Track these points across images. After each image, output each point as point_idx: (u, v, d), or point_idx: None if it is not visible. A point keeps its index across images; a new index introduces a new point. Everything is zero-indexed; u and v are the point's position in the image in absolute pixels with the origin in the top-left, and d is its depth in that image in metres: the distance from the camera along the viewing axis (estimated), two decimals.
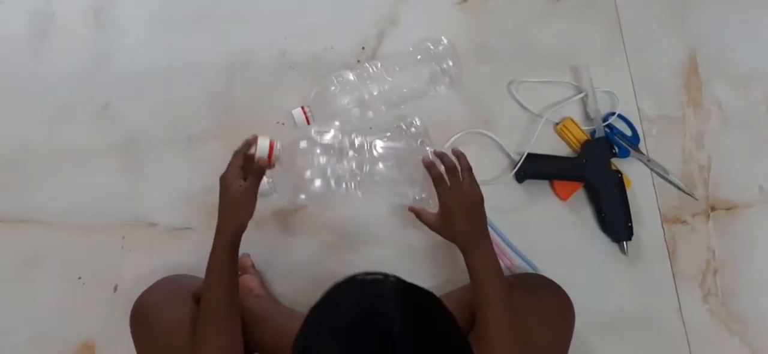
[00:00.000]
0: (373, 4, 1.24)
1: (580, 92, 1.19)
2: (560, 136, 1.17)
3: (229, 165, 0.90)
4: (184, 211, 1.12)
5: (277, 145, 0.95)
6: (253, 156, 0.92)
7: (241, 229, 0.87)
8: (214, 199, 1.11)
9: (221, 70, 1.20)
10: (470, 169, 0.90)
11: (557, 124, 1.17)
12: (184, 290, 0.94)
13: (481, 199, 0.89)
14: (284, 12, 1.24)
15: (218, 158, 1.13)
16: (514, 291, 0.88)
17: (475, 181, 0.90)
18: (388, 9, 1.23)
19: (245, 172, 0.90)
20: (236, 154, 0.91)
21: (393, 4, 1.24)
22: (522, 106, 1.18)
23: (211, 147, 1.16)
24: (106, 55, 1.21)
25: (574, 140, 1.15)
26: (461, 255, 0.88)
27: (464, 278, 0.89)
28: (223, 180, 0.88)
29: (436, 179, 0.89)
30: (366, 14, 1.23)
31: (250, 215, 0.88)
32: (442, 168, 0.90)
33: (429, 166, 0.90)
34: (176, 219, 1.12)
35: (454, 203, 0.88)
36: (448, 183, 0.89)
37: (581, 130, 1.16)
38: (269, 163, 0.92)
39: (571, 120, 1.16)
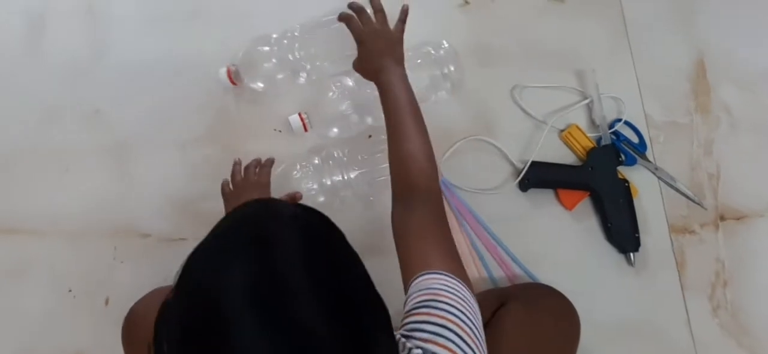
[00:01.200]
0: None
1: (586, 98, 1.16)
2: (565, 143, 1.13)
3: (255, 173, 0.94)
4: (178, 220, 1.09)
5: None
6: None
7: None
8: (209, 207, 1.10)
9: (213, 72, 1.15)
10: (382, 10, 0.94)
11: (562, 131, 1.14)
12: None
13: (395, 35, 0.92)
14: (281, 10, 1.20)
15: (213, 164, 1.12)
16: (516, 301, 0.87)
17: (386, 21, 0.94)
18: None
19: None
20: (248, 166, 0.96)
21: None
22: (525, 112, 1.15)
23: (206, 153, 1.12)
24: (96, 55, 1.18)
25: (580, 148, 1.12)
26: None
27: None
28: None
29: (347, 20, 0.92)
30: None
31: None
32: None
33: (342, 19, 0.93)
34: (169, 229, 1.09)
35: (367, 38, 0.91)
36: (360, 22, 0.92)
37: (587, 137, 1.12)
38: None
39: (577, 127, 1.13)
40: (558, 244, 1.08)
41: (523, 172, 1.08)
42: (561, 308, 0.92)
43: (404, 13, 0.95)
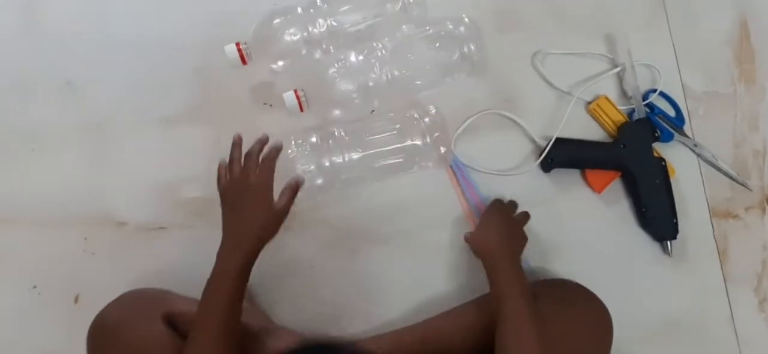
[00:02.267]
0: None
1: (616, 66, 1.02)
2: (593, 117, 1.01)
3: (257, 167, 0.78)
4: (157, 207, 0.97)
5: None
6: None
7: (263, 245, 0.75)
8: (192, 192, 0.97)
9: (199, 42, 1.02)
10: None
11: (589, 103, 1.01)
12: (151, 307, 0.80)
13: (524, 237, 0.89)
14: None
15: (196, 145, 0.99)
16: (540, 301, 0.77)
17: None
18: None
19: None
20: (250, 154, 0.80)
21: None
22: (548, 82, 1.02)
23: (188, 132, 1.00)
24: (68, 25, 1.04)
25: (610, 122, 0.99)
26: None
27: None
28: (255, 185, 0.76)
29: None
30: None
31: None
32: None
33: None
34: (147, 216, 0.97)
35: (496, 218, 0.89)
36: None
37: (618, 110, 1.00)
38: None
39: (606, 99, 1.00)
40: (585, 232, 0.97)
41: (546, 151, 0.96)
42: (590, 307, 0.81)
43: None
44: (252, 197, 0.75)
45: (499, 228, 0.88)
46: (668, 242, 0.95)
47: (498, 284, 0.79)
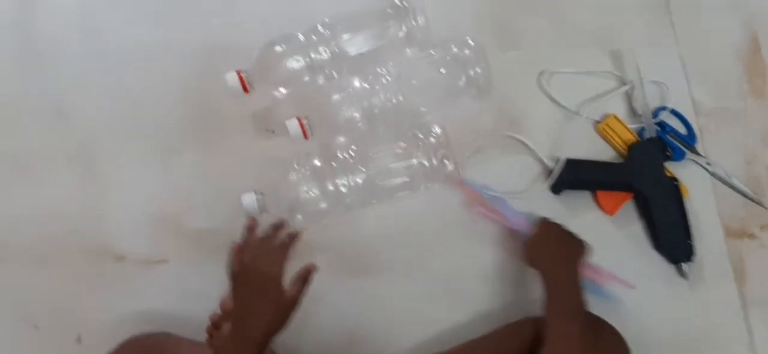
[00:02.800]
0: None
1: (624, 84, 1.00)
2: (602, 136, 0.99)
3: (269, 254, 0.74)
4: (157, 238, 0.95)
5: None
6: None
7: (272, 338, 0.70)
8: (194, 222, 0.95)
9: (197, 65, 1.00)
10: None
11: (598, 122, 0.99)
12: None
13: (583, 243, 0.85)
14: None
15: (197, 172, 0.97)
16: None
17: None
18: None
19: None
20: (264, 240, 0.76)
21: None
22: (555, 102, 1.00)
23: (188, 160, 0.97)
24: (58, 45, 1.01)
25: (620, 142, 0.97)
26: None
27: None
28: (264, 273, 0.71)
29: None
30: None
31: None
32: None
33: None
34: (148, 249, 0.94)
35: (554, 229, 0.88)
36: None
37: (627, 129, 0.97)
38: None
39: (615, 118, 0.98)
40: (598, 254, 0.93)
41: (556, 172, 0.94)
42: (609, 340, 0.79)
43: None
44: (261, 288, 0.70)
45: (558, 237, 0.86)
46: (684, 264, 0.92)
47: (553, 300, 0.77)
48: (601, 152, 0.98)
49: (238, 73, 0.91)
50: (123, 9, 1.03)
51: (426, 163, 0.91)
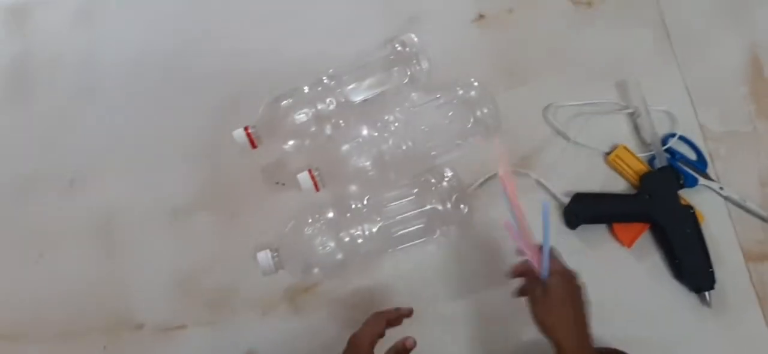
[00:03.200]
0: (377, 31, 1.05)
1: (631, 112, 1.00)
2: (613, 168, 0.98)
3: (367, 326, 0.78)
4: (175, 303, 0.94)
5: None
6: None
7: None
8: (210, 284, 0.94)
9: (205, 124, 1.01)
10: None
11: (608, 154, 0.98)
12: None
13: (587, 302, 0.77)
14: (273, 41, 1.05)
15: (209, 232, 0.96)
16: None
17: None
18: (396, 32, 1.03)
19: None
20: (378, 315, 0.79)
21: (401, 27, 1.05)
22: (563, 135, 1.00)
23: (200, 220, 0.97)
24: (68, 121, 1.02)
25: (631, 172, 0.97)
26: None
27: None
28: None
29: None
30: (367, 40, 1.04)
31: None
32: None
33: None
34: (166, 315, 0.93)
35: (563, 290, 0.76)
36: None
37: (638, 159, 0.97)
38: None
39: (625, 148, 0.98)
40: (618, 288, 0.92)
41: (567, 207, 0.93)
42: None
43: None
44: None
45: (569, 302, 0.75)
46: (706, 293, 0.91)
47: None
48: (613, 183, 0.98)
49: (246, 129, 0.92)
50: (131, 73, 1.04)
51: (440, 208, 0.91)
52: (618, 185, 0.98)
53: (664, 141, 0.99)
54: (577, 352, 0.72)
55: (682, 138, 1.00)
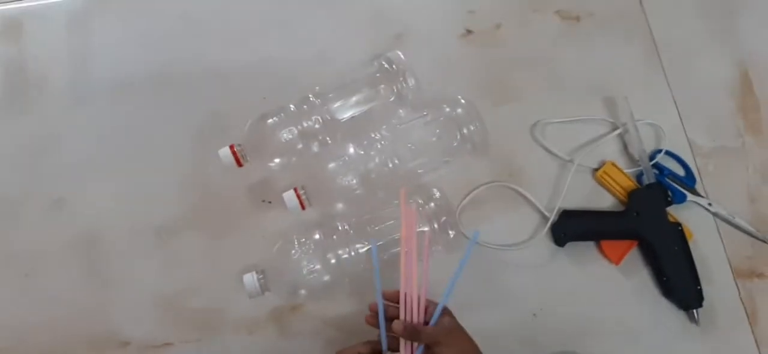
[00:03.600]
0: (363, 48, 1.05)
1: (618, 128, 1.00)
2: (601, 184, 0.98)
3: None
4: (160, 321, 0.93)
5: None
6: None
7: None
8: (196, 303, 0.94)
9: (193, 142, 1.00)
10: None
11: (596, 170, 0.98)
12: None
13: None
14: (260, 59, 1.04)
15: (195, 252, 0.96)
16: None
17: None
18: (383, 48, 1.03)
19: None
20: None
21: (388, 43, 1.05)
22: (550, 152, 0.99)
23: (186, 239, 0.96)
24: (52, 139, 1.01)
25: (619, 189, 0.96)
26: None
27: None
28: None
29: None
30: (353, 57, 1.04)
31: None
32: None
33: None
34: (151, 333, 0.92)
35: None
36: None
37: (626, 175, 0.97)
38: None
39: (613, 164, 0.97)
40: (606, 305, 0.92)
41: (553, 223, 0.93)
42: None
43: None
44: None
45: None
46: (695, 311, 0.90)
47: None
48: (601, 200, 0.98)
49: (231, 147, 0.91)
50: (117, 91, 1.03)
51: (427, 230, 0.90)
52: (605, 201, 0.97)
53: (652, 156, 0.99)
54: None
55: (670, 153, 0.99)
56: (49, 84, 1.04)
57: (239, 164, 0.92)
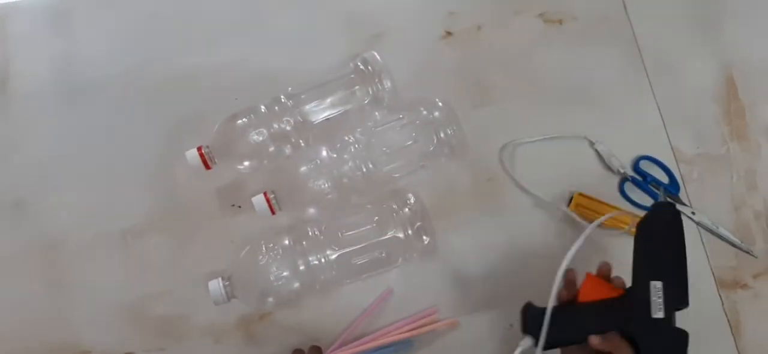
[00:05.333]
0: (339, 49, 1.01)
1: (592, 143, 0.97)
2: (577, 215, 0.93)
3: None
4: (124, 330, 0.90)
5: None
6: None
7: None
8: (160, 310, 0.90)
9: (160, 143, 0.97)
10: None
11: (569, 203, 0.94)
12: None
13: None
14: (232, 59, 1.01)
15: (160, 257, 0.92)
16: None
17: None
18: (361, 48, 1.00)
19: None
20: None
21: (366, 43, 1.01)
22: (518, 184, 0.96)
23: (150, 244, 0.93)
24: (13, 140, 0.97)
25: (598, 215, 0.85)
26: None
27: None
28: None
29: None
30: (329, 58, 1.00)
31: None
32: None
33: None
34: (113, 342, 0.89)
35: None
36: None
37: (599, 201, 0.93)
38: None
39: (582, 195, 0.93)
40: None
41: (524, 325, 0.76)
42: None
43: None
44: None
45: None
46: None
47: None
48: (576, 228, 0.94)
49: (199, 149, 0.88)
50: (80, 91, 0.99)
51: (401, 236, 0.87)
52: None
53: (635, 163, 0.96)
54: None
55: (654, 160, 0.97)
56: (9, 84, 0.99)
57: (207, 167, 0.88)
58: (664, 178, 0.96)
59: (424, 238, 0.88)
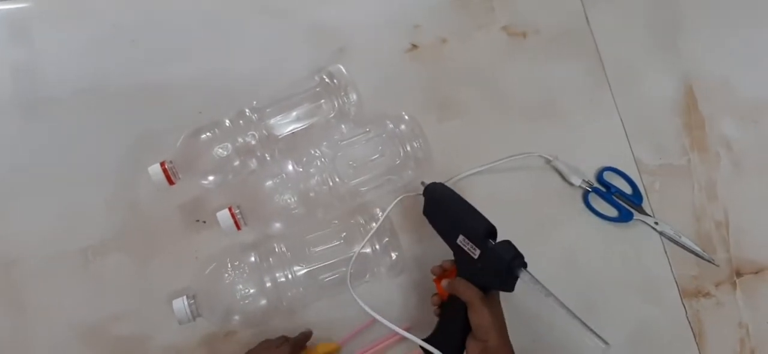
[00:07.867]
0: (304, 62, 1.01)
1: (548, 160, 0.98)
2: None
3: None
4: (84, 352, 0.87)
5: None
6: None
7: None
8: (122, 330, 0.88)
9: (122, 158, 0.94)
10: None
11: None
12: None
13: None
14: (196, 72, 0.99)
15: (122, 276, 0.90)
16: None
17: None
18: (326, 62, 0.99)
19: None
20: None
21: (332, 56, 1.01)
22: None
23: (112, 262, 0.90)
24: None
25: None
26: None
27: None
28: None
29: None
30: (296, 71, 0.99)
31: None
32: None
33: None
34: None
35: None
36: None
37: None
38: None
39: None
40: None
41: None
42: None
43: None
44: None
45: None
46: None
47: None
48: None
49: (162, 164, 0.86)
50: (39, 102, 0.97)
51: (369, 252, 0.86)
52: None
53: (599, 174, 0.97)
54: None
55: (617, 171, 0.98)
56: None
57: (170, 182, 0.87)
58: (627, 189, 0.97)
59: (392, 253, 0.88)
